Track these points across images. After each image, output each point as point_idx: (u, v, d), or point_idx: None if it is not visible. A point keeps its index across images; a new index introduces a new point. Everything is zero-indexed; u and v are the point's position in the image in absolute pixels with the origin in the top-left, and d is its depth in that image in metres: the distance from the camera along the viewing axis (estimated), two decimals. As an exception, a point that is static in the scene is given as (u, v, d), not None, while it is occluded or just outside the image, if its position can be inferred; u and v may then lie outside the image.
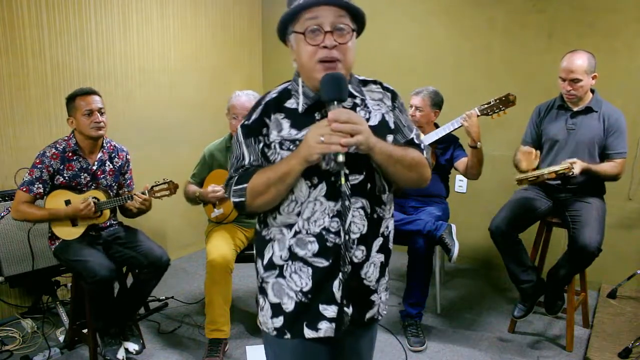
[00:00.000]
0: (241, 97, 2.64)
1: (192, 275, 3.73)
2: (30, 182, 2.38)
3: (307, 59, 1.23)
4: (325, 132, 1.14)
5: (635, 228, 3.31)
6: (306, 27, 1.21)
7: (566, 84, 2.58)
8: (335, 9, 1.21)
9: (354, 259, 1.29)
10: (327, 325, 1.30)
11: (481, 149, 2.79)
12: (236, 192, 1.28)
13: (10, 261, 2.75)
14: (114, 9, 3.37)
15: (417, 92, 2.99)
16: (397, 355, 2.66)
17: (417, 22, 3.90)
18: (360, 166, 1.26)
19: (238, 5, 4.33)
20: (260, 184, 1.23)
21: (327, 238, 1.26)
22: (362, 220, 1.28)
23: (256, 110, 1.32)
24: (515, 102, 2.71)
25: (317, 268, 1.28)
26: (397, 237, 2.84)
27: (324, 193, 1.25)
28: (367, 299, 1.36)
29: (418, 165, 1.32)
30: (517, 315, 2.77)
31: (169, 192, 2.55)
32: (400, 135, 1.35)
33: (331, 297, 1.29)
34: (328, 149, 1.14)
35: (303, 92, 1.29)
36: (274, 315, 1.34)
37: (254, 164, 1.30)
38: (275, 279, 1.33)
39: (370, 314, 1.38)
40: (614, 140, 2.59)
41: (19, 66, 2.90)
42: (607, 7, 3.21)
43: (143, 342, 2.61)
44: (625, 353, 2.46)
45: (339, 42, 1.21)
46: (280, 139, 1.27)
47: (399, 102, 1.38)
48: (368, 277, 1.33)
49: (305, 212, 1.26)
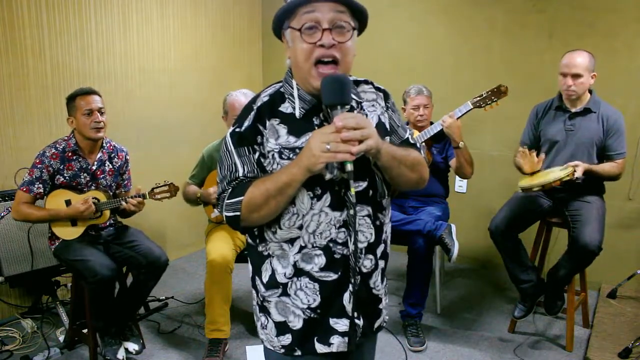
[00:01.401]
0: (240, 97, 2.57)
1: (192, 275, 3.73)
2: (30, 182, 2.38)
3: (302, 59, 1.14)
4: (331, 140, 1.05)
5: (635, 228, 3.31)
6: (303, 23, 1.13)
7: (568, 79, 2.57)
8: (334, 5, 1.12)
9: (363, 269, 1.25)
10: (339, 340, 1.25)
11: (465, 148, 2.81)
12: (229, 205, 1.18)
13: (10, 261, 2.75)
14: (114, 9, 3.37)
15: (419, 92, 2.95)
16: (397, 355, 2.66)
17: (417, 21, 3.90)
18: (364, 173, 1.20)
19: (238, 5, 4.33)
20: (258, 197, 1.14)
21: (335, 250, 1.20)
22: (369, 228, 1.23)
23: (248, 116, 1.21)
24: (507, 92, 2.72)
25: (324, 282, 1.22)
26: (397, 237, 2.86)
27: (328, 204, 1.18)
28: (376, 308, 1.33)
29: (419, 164, 1.28)
30: (517, 316, 2.77)
31: (169, 194, 2.55)
32: (396, 136, 1.31)
33: (342, 311, 1.23)
34: (334, 157, 1.06)
35: (299, 95, 1.20)
36: (279, 334, 1.28)
37: (248, 175, 1.19)
38: (279, 297, 1.26)
39: (378, 323, 1.36)
40: (614, 142, 2.60)
41: (19, 66, 2.90)
42: (607, 7, 3.21)
43: (143, 342, 2.61)
44: (625, 353, 2.46)
45: (337, 41, 1.13)
46: (280, 147, 1.18)
47: (391, 102, 1.33)
48: (377, 286, 1.30)
49: (310, 225, 1.19)
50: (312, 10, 1.12)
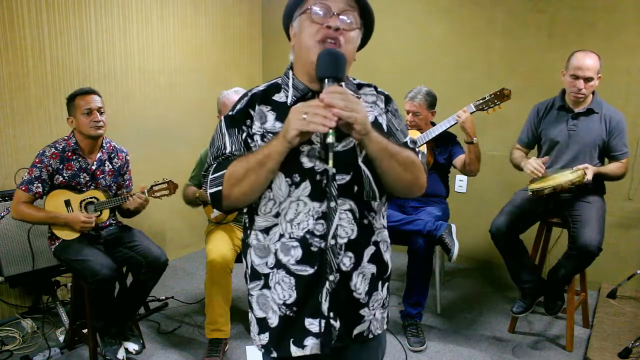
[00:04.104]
0: (232, 96, 2.61)
1: (192, 275, 3.73)
2: (30, 182, 2.38)
3: (307, 38, 1.16)
4: (311, 110, 1.04)
5: (635, 228, 3.31)
6: (314, 4, 1.16)
7: (579, 82, 2.54)
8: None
9: (342, 267, 1.19)
10: (313, 342, 1.20)
11: (477, 144, 2.80)
12: (213, 181, 1.17)
13: (10, 261, 2.75)
14: (114, 9, 3.37)
15: (412, 98, 2.96)
16: (397, 355, 2.66)
17: (417, 21, 3.89)
18: (348, 166, 1.18)
19: (238, 5, 4.33)
20: (239, 169, 1.13)
21: (312, 242, 1.17)
22: (350, 224, 1.19)
23: (241, 101, 1.25)
24: (510, 96, 2.71)
25: (300, 277, 1.19)
26: (397, 237, 2.87)
27: (307, 193, 1.16)
28: (356, 312, 1.25)
29: (413, 165, 1.22)
30: (515, 311, 2.76)
31: (168, 191, 2.56)
32: (394, 139, 1.27)
33: (317, 310, 1.18)
34: (307, 126, 1.03)
35: (293, 84, 1.23)
36: (260, 332, 1.27)
37: (235, 153, 1.20)
38: (260, 290, 1.25)
39: (359, 330, 1.26)
40: (618, 142, 2.60)
41: (19, 66, 2.90)
42: (607, 8, 3.21)
43: (143, 342, 2.61)
44: (625, 353, 2.46)
45: (343, 28, 1.15)
46: (263, 130, 1.20)
47: (392, 106, 1.31)
48: (357, 289, 1.23)
49: (288, 213, 1.18)
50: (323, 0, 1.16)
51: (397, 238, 2.80)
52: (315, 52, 1.14)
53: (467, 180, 3.84)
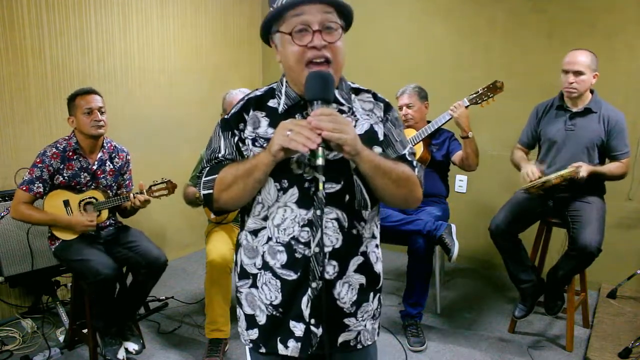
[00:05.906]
0: (238, 96, 2.61)
1: (192, 275, 3.73)
2: (30, 181, 2.38)
3: (294, 61, 1.15)
4: (296, 129, 1.05)
5: (635, 228, 3.31)
6: (293, 26, 1.13)
7: (569, 76, 2.56)
8: (321, 6, 1.13)
9: (326, 275, 1.19)
10: (293, 345, 1.23)
11: (473, 138, 2.80)
12: (205, 183, 1.21)
13: (10, 261, 2.75)
14: (114, 9, 3.37)
15: (402, 92, 3.03)
16: (397, 355, 2.66)
17: (417, 21, 3.90)
18: (338, 175, 1.18)
19: (238, 5, 4.33)
20: (229, 176, 1.16)
21: (296, 249, 1.18)
22: (335, 232, 1.19)
23: (237, 105, 1.27)
24: (503, 88, 2.72)
25: (285, 281, 1.20)
26: (397, 237, 2.87)
27: (295, 199, 1.17)
28: (340, 321, 1.24)
29: (408, 181, 1.21)
30: (517, 316, 2.77)
31: (167, 191, 2.55)
32: (392, 149, 1.26)
33: (300, 314, 1.20)
34: (289, 143, 1.05)
35: (285, 92, 1.23)
36: (249, 327, 1.29)
37: (228, 157, 1.23)
38: (249, 289, 1.27)
39: (345, 338, 1.26)
40: (618, 142, 2.59)
41: (19, 66, 2.90)
42: (607, 7, 3.21)
43: (143, 342, 2.61)
44: (625, 353, 2.46)
45: (328, 42, 1.14)
46: (255, 135, 1.21)
47: (392, 114, 1.29)
48: (341, 298, 1.22)
49: (275, 218, 1.19)
50: (300, 14, 1.13)
51: (397, 238, 2.81)
52: (303, 75, 1.14)
53: (467, 180, 3.84)
